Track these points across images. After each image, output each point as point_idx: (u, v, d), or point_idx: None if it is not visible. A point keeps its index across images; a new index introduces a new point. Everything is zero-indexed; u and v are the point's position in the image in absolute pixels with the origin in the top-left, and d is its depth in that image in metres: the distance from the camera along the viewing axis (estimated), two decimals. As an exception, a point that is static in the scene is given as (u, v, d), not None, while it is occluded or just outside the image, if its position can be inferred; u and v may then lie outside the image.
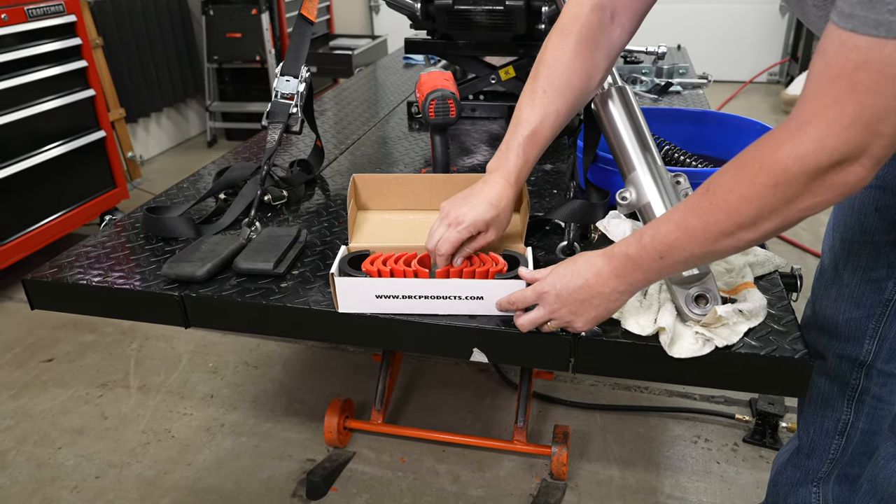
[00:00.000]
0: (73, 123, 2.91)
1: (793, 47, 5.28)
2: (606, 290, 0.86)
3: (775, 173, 0.67)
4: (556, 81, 0.99)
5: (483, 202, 0.99)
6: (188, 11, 4.36)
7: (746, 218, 0.71)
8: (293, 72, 1.42)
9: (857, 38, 0.59)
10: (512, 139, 1.01)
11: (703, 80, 2.23)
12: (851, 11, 0.59)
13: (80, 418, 2.04)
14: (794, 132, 0.65)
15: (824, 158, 0.64)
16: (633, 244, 0.83)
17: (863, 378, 1.21)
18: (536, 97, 1.00)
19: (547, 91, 0.99)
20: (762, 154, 0.68)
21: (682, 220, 0.77)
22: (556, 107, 0.99)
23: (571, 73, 0.99)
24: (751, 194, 0.70)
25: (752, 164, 0.69)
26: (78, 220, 2.93)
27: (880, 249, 1.11)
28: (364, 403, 2.02)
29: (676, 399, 2.04)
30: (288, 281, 1.13)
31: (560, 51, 1.00)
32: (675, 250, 0.79)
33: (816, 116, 0.63)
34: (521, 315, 0.95)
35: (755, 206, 0.70)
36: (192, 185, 1.56)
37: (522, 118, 1.00)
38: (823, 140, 0.63)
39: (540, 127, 1.00)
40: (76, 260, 1.23)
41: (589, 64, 0.99)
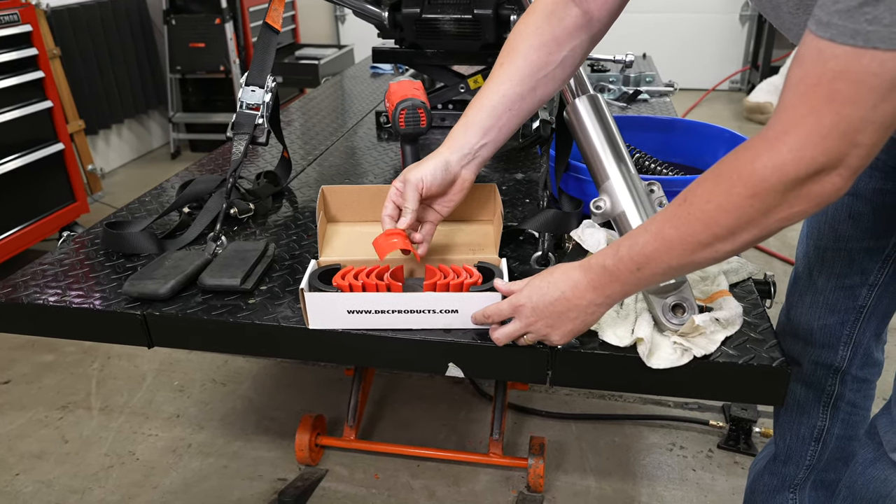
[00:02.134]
0: (30, 136, 2.83)
1: (753, 56, 5.40)
2: (583, 303, 0.85)
3: (753, 184, 0.66)
4: (512, 54, 0.99)
5: (427, 164, 0.99)
6: (150, 21, 4.28)
7: (724, 229, 0.70)
8: (258, 82, 1.38)
9: (835, 48, 0.58)
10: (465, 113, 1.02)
11: (670, 88, 2.25)
12: (829, 20, 0.59)
13: (39, 442, 1.96)
14: (771, 142, 0.64)
15: (802, 169, 0.63)
16: (611, 256, 0.81)
17: (838, 384, 1.21)
18: (495, 71, 1.00)
19: (503, 64, 0.99)
20: (740, 164, 0.67)
21: (660, 231, 0.75)
22: (510, 77, 0.98)
23: (528, 46, 0.98)
24: (728, 205, 0.68)
25: (730, 174, 0.68)
26: (35, 236, 2.84)
27: (854, 256, 1.12)
28: (336, 419, 1.97)
29: (651, 407, 2.04)
30: (256, 297, 1.09)
31: (521, 25, 1.00)
32: (652, 262, 0.77)
33: (794, 126, 0.62)
34: (496, 329, 0.93)
35: (733, 217, 0.69)
36: (154, 199, 1.51)
37: (480, 94, 1.01)
38: (801, 150, 0.62)
39: (489, 95, 0.99)
40: (31, 278, 1.17)
41: (549, 38, 0.98)
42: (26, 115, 2.78)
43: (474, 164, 1.01)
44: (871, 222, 1.08)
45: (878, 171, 1.06)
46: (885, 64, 0.57)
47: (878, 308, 1.15)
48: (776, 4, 0.79)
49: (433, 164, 0.98)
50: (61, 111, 3.01)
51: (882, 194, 1.07)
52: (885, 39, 0.56)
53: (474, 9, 1.71)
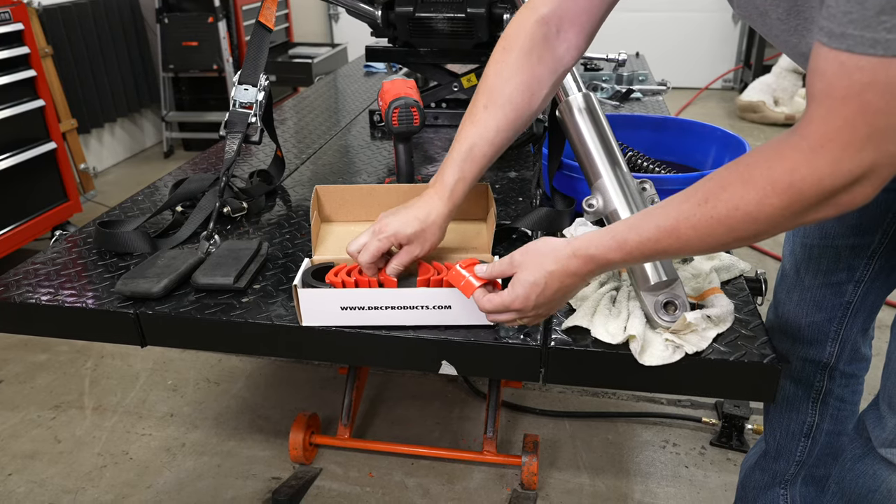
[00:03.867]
0: (22, 135, 2.81)
1: (745, 54, 5.42)
2: (578, 283, 0.87)
3: (789, 196, 0.66)
4: (497, 97, 0.97)
5: (410, 216, 0.97)
6: (142, 19, 4.26)
7: (749, 233, 0.71)
8: (251, 80, 1.38)
9: (857, 59, 0.58)
10: (451, 156, 0.99)
11: (663, 87, 2.25)
12: (843, 31, 0.59)
13: (32, 442, 1.95)
14: (808, 155, 0.64)
15: (839, 181, 0.63)
16: (615, 249, 0.80)
17: (826, 380, 1.22)
18: (477, 113, 0.98)
19: (487, 107, 0.97)
20: (774, 175, 0.67)
21: (675, 229, 0.75)
22: (496, 123, 0.97)
23: (512, 88, 0.97)
24: (759, 214, 0.68)
25: (763, 184, 0.67)
26: (28, 235, 2.82)
27: (840, 253, 1.13)
28: (330, 418, 1.97)
29: (644, 404, 2.05)
30: (249, 296, 1.09)
31: (502, 64, 0.98)
32: (662, 254, 0.79)
33: (830, 140, 0.62)
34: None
35: (761, 224, 0.69)
36: (147, 198, 1.51)
37: (462, 135, 0.99)
38: (839, 163, 0.63)
39: (479, 142, 0.97)
40: (24, 278, 1.17)
41: (530, 78, 0.97)
42: (18, 114, 2.77)
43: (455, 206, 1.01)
44: (856, 219, 1.09)
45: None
46: None
47: (865, 304, 1.16)
48: (763, 11, 0.80)
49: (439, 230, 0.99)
50: (53, 110, 2.99)
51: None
52: None
53: (467, 7, 1.72)
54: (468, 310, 0.99)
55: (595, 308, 0.99)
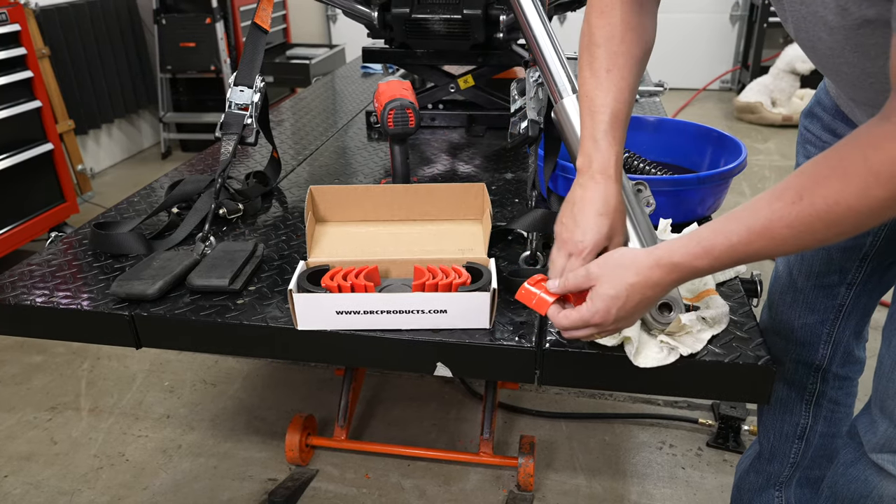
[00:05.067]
0: (19, 136, 2.81)
1: (743, 56, 5.42)
2: (661, 293, 0.81)
3: (894, 185, 0.64)
4: (617, 58, 0.92)
5: (593, 216, 0.87)
6: (139, 20, 4.26)
7: (851, 227, 0.69)
8: (247, 82, 1.38)
9: None
10: (595, 128, 0.90)
11: (660, 88, 2.25)
12: None
13: (28, 444, 1.95)
14: None
15: None
16: (703, 255, 0.76)
17: (819, 382, 1.22)
18: (602, 79, 0.92)
19: (611, 70, 0.92)
20: (874, 164, 0.65)
21: (767, 230, 0.72)
22: (627, 82, 0.92)
23: (629, 43, 0.93)
24: (862, 206, 0.66)
25: (864, 175, 0.66)
26: (25, 237, 2.82)
27: (832, 255, 1.13)
28: (327, 419, 1.97)
29: (641, 405, 2.05)
30: (244, 297, 1.09)
31: (609, 27, 0.93)
32: (754, 257, 0.75)
33: None
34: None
35: (864, 217, 0.67)
36: (143, 199, 1.51)
37: (597, 104, 0.92)
38: None
39: (618, 107, 0.91)
40: (19, 279, 1.17)
41: (640, 30, 0.95)
42: (15, 115, 2.76)
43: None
44: None
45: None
46: None
47: (857, 307, 1.16)
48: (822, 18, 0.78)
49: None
50: (50, 111, 2.99)
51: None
52: None
53: (463, 9, 1.72)
54: (463, 314, 0.99)
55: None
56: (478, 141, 1.90)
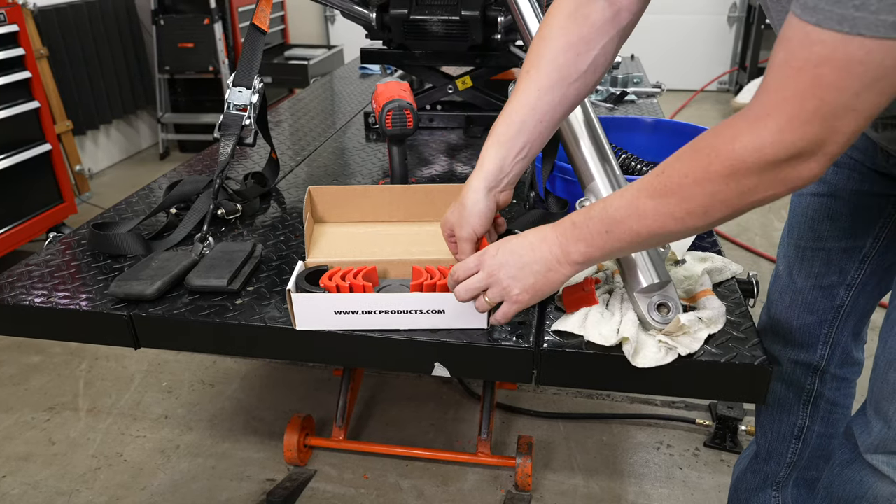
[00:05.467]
0: (17, 136, 2.81)
1: (741, 57, 5.43)
2: (548, 256, 0.84)
3: (731, 163, 0.66)
4: (538, 60, 0.93)
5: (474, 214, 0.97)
6: (138, 20, 4.26)
7: (698, 206, 0.70)
8: (246, 82, 1.38)
9: (822, 33, 0.58)
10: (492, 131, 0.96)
11: (657, 90, 2.26)
12: (816, 5, 0.58)
13: (26, 444, 1.95)
14: (752, 122, 0.64)
15: (782, 152, 0.63)
16: (581, 214, 0.82)
17: (817, 383, 1.23)
18: (521, 80, 0.95)
19: (529, 71, 0.94)
20: (718, 142, 0.67)
21: (634, 199, 0.75)
22: (537, 85, 0.93)
23: (555, 49, 0.92)
24: (704, 181, 0.68)
25: (708, 151, 0.68)
26: (23, 237, 2.82)
27: (832, 256, 1.14)
28: (325, 419, 1.98)
29: (638, 405, 2.06)
30: (243, 298, 1.09)
31: (545, 29, 0.94)
32: (621, 227, 0.77)
33: (776, 109, 0.62)
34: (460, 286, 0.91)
35: (707, 194, 0.69)
36: (141, 200, 1.51)
37: (507, 106, 0.95)
38: (782, 133, 0.62)
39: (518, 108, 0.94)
40: (17, 280, 1.17)
41: (575, 39, 0.91)
42: (13, 116, 2.76)
43: (509, 186, 0.98)
44: (848, 223, 1.10)
45: (856, 172, 1.07)
46: (871, 53, 0.57)
47: (856, 308, 1.16)
48: None
49: (479, 216, 0.96)
50: (48, 111, 2.99)
51: (859, 195, 1.08)
52: (872, 27, 0.56)
53: (462, 10, 1.72)
54: (461, 314, 1.00)
55: (587, 314, 1.00)
56: (476, 142, 1.90)
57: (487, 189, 0.95)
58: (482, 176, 0.95)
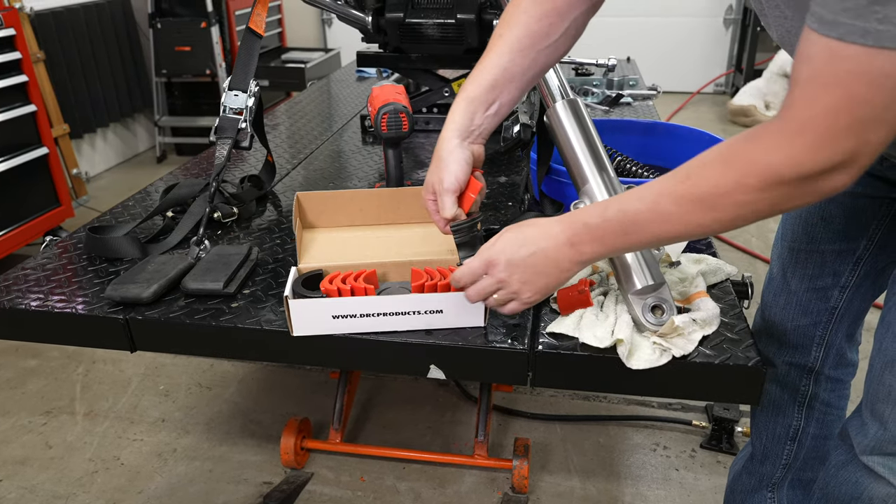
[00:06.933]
0: (14, 140, 2.81)
1: (737, 59, 5.45)
2: (559, 257, 0.84)
3: (766, 176, 0.66)
4: (511, 24, 0.95)
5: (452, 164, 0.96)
6: (135, 24, 4.26)
7: (726, 214, 0.71)
8: (241, 86, 1.39)
9: (847, 47, 0.58)
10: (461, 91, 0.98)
11: (653, 92, 2.27)
12: (836, 19, 0.58)
13: (23, 448, 1.95)
14: (788, 138, 0.65)
15: (818, 166, 0.64)
16: (596, 215, 0.81)
17: (812, 384, 1.23)
18: (494, 42, 0.96)
19: (502, 35, 0.96)
20: (753, 156, 0.68)
21: (656, 204, 0.75)
22: (510, 48, 0.95)
23: (528, 16, 0.94)
24: (736, 192, 0.69)
25: (742, 164, 0.68)
26: (20, 241, 2.82)
27: (826, 258, 1.14)
28: (322, 422, 1.98)
29: (635, 407, 2.06)
30: (239, 301, 1.10)
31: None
32: (641, 230, 0.78)
33: (811, 125, 0.63)
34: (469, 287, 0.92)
35: (739, 204, 0.70)
36: (138, 203, 1.51)
37: (478, 66, 0.97)
38: (818, 149, 0.63)
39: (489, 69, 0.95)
40: (14, 283, 1.17)
41: (549, 8, 0.94)
42: (10, 120, 2.76)
43: (480, 138, 0.99)
44: (842, 224, 1.11)
45: (850, 174, 1.08)
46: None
47: (850, 309, 1.17)
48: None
49: (458, 163, 0.95)
50: (45, 115, 2.99)
51: (853, 197, 1.09)
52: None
53: (457, 13, 1.72)
54: (459, 313, 1.00)
55: (582, 315, 1.00)
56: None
57: (461, 139, 0.96)
58: (453, 128, 0.96)
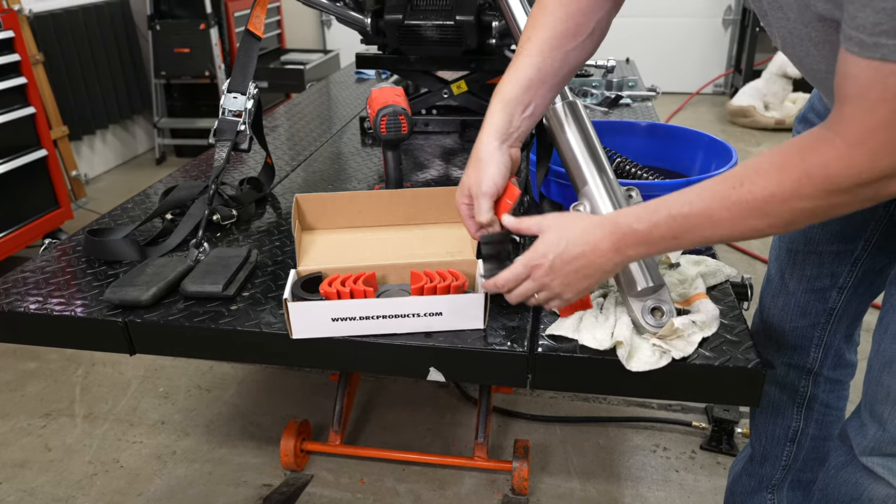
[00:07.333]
0: (13, 142, 2.81)
1: (736, 60, 5.45)
2: (602, 261, 0.84)
3: (826, 186, 0.69)
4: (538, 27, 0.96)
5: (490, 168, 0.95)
6: (134, 26, 4.26)
7: (782, 220, 0.73)
8: (240, 88, 1.39)
9: (892, 66, 0.62)
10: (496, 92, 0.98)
11: (652, 93, 2.27)
12: (876, 42, 0.62)
13: (22, 451, 1.95)
14: (846, 151, 0.67)
15: (876, 174, 0.67)
16: (644, 220, 0.81)
17: (811, 385, 1.23)
18: (524, 45, 0.97)
19: (531, 38, 0.96)
20: (809, 166, 0.70)
21: (707, 209, 0.76)
22: (540, 48, 0.95)
23: (554, 17, 0.95)
24: (793, 200, 0.71)
25: (799, 174, 0.70)
26: (19, 243, 2.82)
27: (823, 259, 1.14)
28: (321, 424, 1.97)
29: (635, 409, 2.06)
30: (238, 303, 1.10)
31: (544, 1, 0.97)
32: (692, 234, 0.79)
33: (868, 139, 0.66)
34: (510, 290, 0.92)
35: (796, 211, 0.72)
36: (137, 206, 1.51)
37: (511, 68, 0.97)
38: (876, 160, 0.66)
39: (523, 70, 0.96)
40: (13, 286, 1.17)
41: (574, 9, 0.95)
42: (9, 122, 2.76)
43: (518, 141, 0.99)
44: (840, 226, 1.11)
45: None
46: None
47: (848, 310, 1.17)
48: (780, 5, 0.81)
49: (497, 166, 0.95)
50: (44, 117, 2.99)
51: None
52: None
53: (456, 15, 1.73)
54: (458, 315, 1.00)
55: (581, 317, 1.00)
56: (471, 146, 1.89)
57: (500, 141, 0.96)
58: (491, 131, 0.96)
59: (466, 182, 0.96)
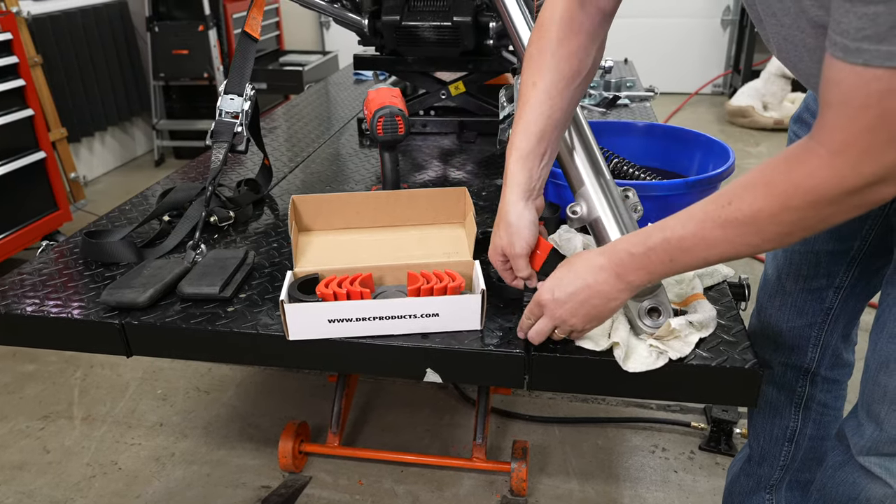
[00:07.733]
0: (11, 144, 2.81)
1: (735, 60, 5.45)
2: (606, 289, 0.87)
3: (812, 197, 0.69)
4: (544, 72, 0.97)
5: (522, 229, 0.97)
6: (132, 27, 4.26)
7: (776, 235, 0.73)
8: (237, 90, 1.39)
9: (874, 71, 0.61)
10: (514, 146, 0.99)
11: (650, 93, 2.27)
12: (858, 47, 0.61)
13: (21, 453, 1.95)
14: (829, 159, 0.67)
15: (861, 181, 0.66)
16: (639, 244, 0.82)
17: (808, 385, 1.23)
18: (527, 92, 0.98)
19: (536, 83, 0.97)
20: (796, 178, 0.69)
21: (700, 230, 0.77)
22: (548, 94, 0.97)
23: (557, 59, 0.96)
24: (782, 214, 0.71)
25: (785, 186, 0.70)
26: (18, 245, 2.82)
27: (820, 259, 1.14)
28: (320, 426, 1.97)
29: (633, 409, 2.06)
30: (235, 305, 1.10)
31: (544, 41, 0.97)
32: (688, 255, 0.80)
33: (851, 144, 0.65)
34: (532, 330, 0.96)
35: (786, 223, 0.72)
36: (135, 207, 1.51)
37: (521, 120, 0.98)
38: (861, 166, 0.65)
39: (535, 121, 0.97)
40: (10, 288, 1.17)
41: (574, 47, 0.96)
42: (7, 124, 2.76)
43: (539, 192, 1.01)
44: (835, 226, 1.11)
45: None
46: None
47: (845, 310, 1.17)
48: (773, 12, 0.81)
49: (528, 227, 0.97)
50: (43, 119, 2.99)
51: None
52: None
53: (453, 16, 1.73)
54: (455, 316, 1.00)
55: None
56: (469, 147, 1.91)
57: (525, 200, 0.98)
58: (516, 189, 0.97)
59: (499, 244, 0.99)
